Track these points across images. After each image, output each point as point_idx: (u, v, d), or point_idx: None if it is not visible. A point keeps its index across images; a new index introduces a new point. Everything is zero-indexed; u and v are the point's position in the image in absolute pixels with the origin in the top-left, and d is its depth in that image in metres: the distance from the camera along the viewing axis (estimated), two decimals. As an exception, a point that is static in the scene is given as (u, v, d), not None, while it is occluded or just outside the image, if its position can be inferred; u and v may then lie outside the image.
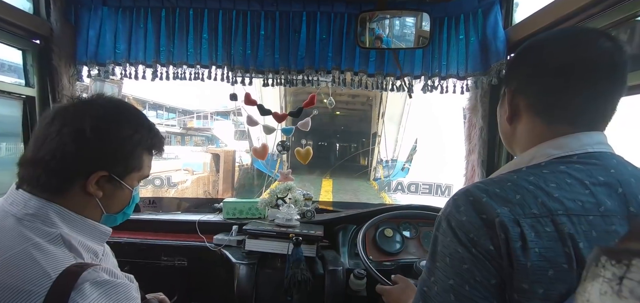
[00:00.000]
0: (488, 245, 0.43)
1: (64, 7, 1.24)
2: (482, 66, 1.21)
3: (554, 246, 0.41)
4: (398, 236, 1.27)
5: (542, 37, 0.54)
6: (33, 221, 0.51)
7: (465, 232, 0.44)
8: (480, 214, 0.44)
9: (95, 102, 0.58)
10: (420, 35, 1.15)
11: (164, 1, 1.27)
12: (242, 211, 1.45)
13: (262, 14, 1.27)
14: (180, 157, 13.66)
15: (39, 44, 1.23)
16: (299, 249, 1.13)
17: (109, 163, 0.57)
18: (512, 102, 0.54)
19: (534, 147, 0.51)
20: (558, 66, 0.49)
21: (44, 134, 0.54)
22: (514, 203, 0.43)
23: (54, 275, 0.46)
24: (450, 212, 0.47)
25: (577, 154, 0.47)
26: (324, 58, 1.28)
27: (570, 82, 0.48)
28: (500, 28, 1.18)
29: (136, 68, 1.31)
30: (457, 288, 0.44)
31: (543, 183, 0.44)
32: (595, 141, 0.48)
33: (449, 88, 1.29)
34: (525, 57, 0.55)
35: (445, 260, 0.46)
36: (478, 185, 0.48)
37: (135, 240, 1.31)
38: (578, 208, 0.42)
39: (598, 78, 0.47)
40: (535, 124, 0.51)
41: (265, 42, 1.28)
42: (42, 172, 0.53)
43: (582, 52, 0.47)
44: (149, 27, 1.28)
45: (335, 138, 20.43)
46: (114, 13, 1.28)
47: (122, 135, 0.57)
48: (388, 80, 1.30)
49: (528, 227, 0.41)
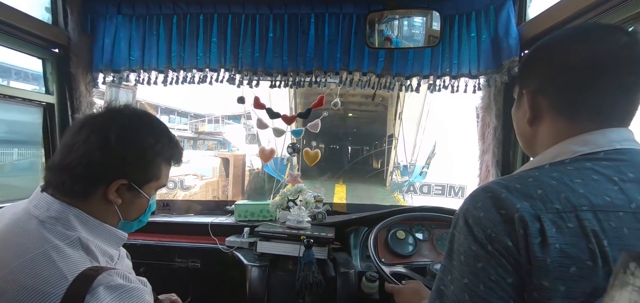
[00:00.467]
0: (506, 241, 0.41)
1: (80, 17, 1.28)
2: (495, 64, 1.18)
3: (576, 242, 0.39)
4: (411, 238, 1.25)
5: (558, 34, 0.53)
6: (54, 224, 0.54)
7: (482, 228, 0.43)
8: (499, 209, 0.43)
9: (122, 113, 0.60)
10: (430, 34, 1.14)
11: (175, 8, 1.30)
12: (254, 213, 1.46)
13: (271, 17, 1.28)
14: (190, 161, 13.70)
15: (57, 53, 1.28)
16: (311, 251, 1.12)
17: (129, 172, 0.59)
18: (533, 103, 0.52)
19: (558, 144, 0.49)
20: (581, 63, 0.47)
21: (73, 141, 0.56)
22: (536, 198, 0.42)
23: (70, 278, 0.48)
24: (468, 208, 0.46)
25: (603, 151, 0.45)
26: (333, 59, 1.28)
27: (594, 79, 0.46)
28: (513, 25, 1.15)
29: (149, 74, 1.35)
30: (472, 288, 0.43)
31: (567, 179, 0.43)
32: (622, 137, 0.46)
33: (460, 87, 1.27)
34: (542, 56, 0.53)
35: (460, 259, 0.45)
36: (498, 181, 0.47)
37: (151, 242, 1.34)
38: (606, 204, 0.41)
39: (621, 73, 0.45)
40: (559, 123, 0.50)
41: (273, 44, 1.29)
42: (67, 177, 0.55)
43: (604, 48, 0.46)
44: (161, 34, 1.32)
45: (347, 140, 19.91)
46: (128, 21, 1.32)
47: (144, 145, 0.59)
48: (397, 80, 1.29)
49: (549, 223, 0.40)
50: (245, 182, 12.39)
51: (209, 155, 14.12)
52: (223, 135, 21.18)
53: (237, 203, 1.49)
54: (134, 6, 1.31)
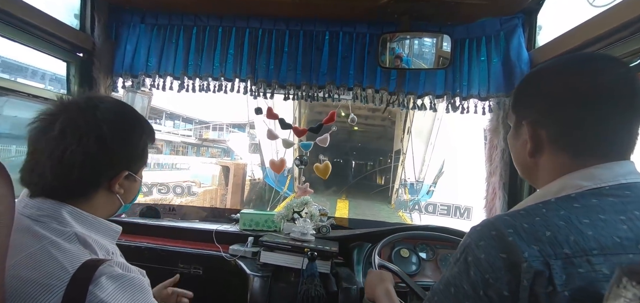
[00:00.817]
0: (503, 290, 0.41)
1: (106, 24, 1.36)
2: (505, 88, 1.20)
3: (587, 288, 0.38)
4: (414, 257, 1.24)
5: (554, 64, 0.53)
6: (49, 221, 0.54)
7: (481, 271, 0.43)
8: (501, 253, 0.42)
9: (101, 107, 0.58)
10: (440, 55, 1.16)
11: (196, 20, 1.36)
12: (259, 223, 1.46)
13: (287, 32, 1.33)
14: (190, 168, 13.45)
15: (82, 57, 1.34)
16: (314, 264, 1.12)
17: (129, 164, 0.62)
18: (534, 135, 0.51)
19: (562, 177, 0.48)
20: (582, 96, 0.47)
21: (59, 146, 0.54)
22: (544, 241, 0.40)
23: (71, 270, 0.48)
24: (470, 244, 0.46)
25: (609, 186, 0.45)
26: (346, 75, 1.31)
27: (594, 113, 0.46)
28: (524, 50, 1.17)
29: (165, 80, 1.39)
30: None
31: (575, 219, 0.42)
32: (627, 171, 0.46)
33: (470, 108, 1.28)
34: (539, 86, 0.52)
35: (450, 290, 0.46)
36: (505, 218, 0.45)
37: (155, 246, 1.35)
38: (616, 247, 0.40)
39: (621, 106, 0.45)
40: (560, 157, 0.49)
41: (288, 58, 1.33)
42: (63, 183, 0.55)
43: (604, 80, 0.46)
44: (180, 43, 1.37)
45: (351, 155, 19.44)
46: (149, 30, 1.38)
47: (135, 135, 0.62)
48: (409, 98, 1.31)
49: (558, 269, 0.39)
50: (246, 192, 12.19)
51: (211, 162, 13.85)
52: (227, 144, 21.02)
53: (242, 211, 1.50)
54: (157, 17, 1.37)
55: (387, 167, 14.92)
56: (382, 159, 17.50)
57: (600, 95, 0.46)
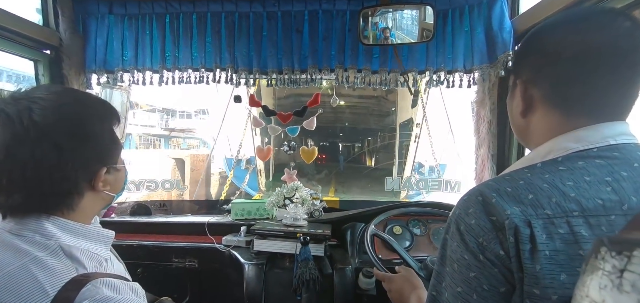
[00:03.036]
0: (498, 249, 0.41)
1: (72, 17, 1.27)
2: (489, 58, 1.18)
3: (566, 249, 0.38)
4: (407, 233, 1.26)
5: (553, 21, 0.50)
6: (32, 235, 0.50)
7: (474, 236, 0.43)
8: (490, 215, 0.42)
9: (38, 108, 0.49)
10: (423, 28, 1.14)
11: (167, 7, 1.29)
12: (250, 212, 1.46)
13: (264, 14, 1.27)
14: (131, 163, 10.89)
15: (49, 55, 1.26)
16: (307, 248, 1.13)
17: (103, 157, 0.56)
18: (525, 95, 0.50)
19: (551, 140, 0.47)
20: (574, 53, 0.44)
21: (16, 169, 0.48)
22: (526, 203, 0.41)
23: (52, 293, 0.45)
24: (459, 214, 0.46)
25: (597, 147, 0.44)
26: (327, 56, 1.27)
27: (588, 70, 0.44)
28: (507, 18, 1.15)
29: (143, 74, 1.33)
30: (465, 296, 0.43)
31: (559, 181, 0.41)
32: (617, 132, 0.45)
33: (455, 82, 1.27)
34: (535, 45, 0.50)
35: (453, 266, 0.45)
36: (489, 183, 0.45)
37: (147, 243, 1.34)
38: (597, 208, 0.39)
39: (619, 63, 0.43)
40: (552, 116, 0.48)
41: (268, 43, 1.28)
42: (46, 197, 0.51)
43: (600, 36, 0.43)
44: (155, 34, 1.30)
45: (338, 137, 17.09)
46: (120, 21, 1.31)
47: (95, 126, 0.55)
48: (393, 76, 1.29)
49: (539, 229, 0.39)
50: (213, 189, 9.45)
51: (166, 155, 11.07)
52: (196, 132, 18.59)
53: (233, 201, 1.49)
54: (126, 5, 1.30)
55: (385, 145, 13.04)
56: (371, 139, 15.60)
57: (595, 53, 0.43)
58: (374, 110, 12.30)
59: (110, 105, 0.60)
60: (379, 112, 11.99)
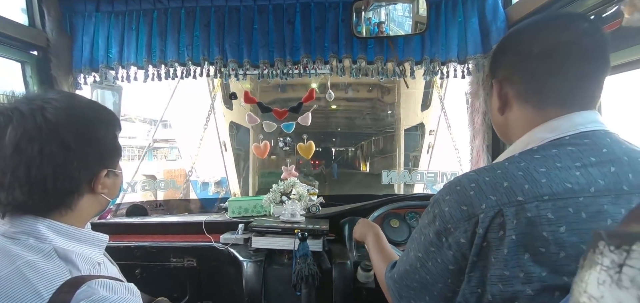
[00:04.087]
0: (460, 238, 0.47)
1: (58, 16, 1.24)
2: (483, 48, 1.18)
3: (530, 231, 0.42)
4: (404, 226, 1.27)
5: (523, 24, 0.55)
6: (26, 238, 0.50)
7: (444, 221, 0.50)
8: (461, 205, 0.48)
9: (51, 108, 0.51)
10: (417, 21, 1.13)
11: (155, 3, 1.26)
12: (247, 209, 1.45)
13: (255, 8, 1.25)
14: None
15: (36, 55, 1.23)
16: (305, 244, 1.13)
17: (105, 161, 0.58)
18: (501, 93, 0.55)
19: (528, 133, 0.52)
20: (542, 51, 0.49)
21: (22, 165, 0.49)
22: (501, 191, 0.45)
23: (46, 296, 0.45)
24: (438, 198, 0.52)
25: (569, 135, 0.47)
26: (321, 48, 1.25)
27: (555, 65, 0.49)
28: (500, 8, 1.15)
29: (128, 70, 1.30)
30: (423, 261, 0.53)
31: (533, 169, 0.45)
32: (587, 120, 0.48)
33: (450, 73, 1.27)
34: (507, 46, 0.55)
35: (420, 237, 0.55)
36: (470, 174, 0.50)
37: (145, 244, 1.33)
38: (566, 192, 0.43)
39: (582, 58, 0.48)
40: (526, 110, 0.52)
41: (259, 35, 1.26)
42: (47, 197, 0.51)
43: (564, 35, 0.48)
44: (141, 29, 1.27)
45: (331, 142, 15.32)
46: (106, 18, 1.28)
47: (101, 130, 0.58)
48: (388, 66, 1.28)
49: (511, 215, 0.43)
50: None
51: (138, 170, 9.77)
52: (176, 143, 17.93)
53: (230, 199, 1.48)
54: (113, 3, 1.27)
55: (381, 149, 11.89)
56: (365, 144, 14.53)
57: (560, 49, 0.48)
58: (368, 113, 10.71)
59: (114, 114, 0.63)
60: (375, 115, 10.39)
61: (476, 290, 0.47)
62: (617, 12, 0.81)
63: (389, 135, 9.92)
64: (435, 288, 0.52)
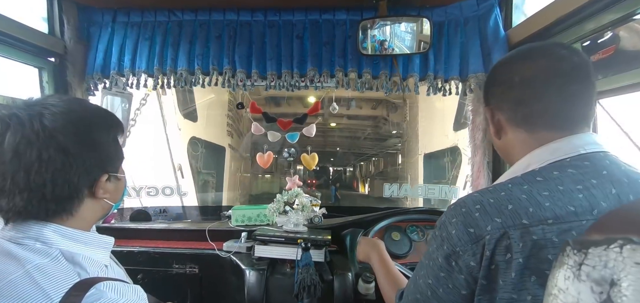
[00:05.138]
0: (469, 261, 0.47)
1: (77, 25, 1.29)
2: (484, 68, 1.22)
3: (536, 254, 0.43)
4: (405, 239, 1.28)
5: (506, 56, 0.59)
6: (32, 243, 0.50)
7: (451, 244, 0.49)
8: (468, 227, 0.47)
9: (49, 113, 0.51)
10: (421, 40, 1.17)
11: (170, 16, 1.31)
12: (251, 218, 1.47)
13: (266, 23, 1.30)
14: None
15: (53, 62, 1.28)
16: (308, 254, 1.14)
17: (106, 165, 0.58)
18: (493, 119, 0.59)
19: (528, 155, 0.53)
20: (522, 80, 0.52)
21: (21, 170, 0.49)
22: (506, 214, 0.45)
23: (56, 299, 0.45)
24: (444, 221, 0.52)
25: (570, 157, 0.49)
26: (328, 62, 1.29)
27: (537, 92, 0.51)
28: (501, 30, 1.19)
29: (139, 77, 1.34)
30: (433, 288, 0.52)
31: (536, 192, 0.46)
32: (585, 142, 0.49)
33: (452, 90, 1.31)
34: (494, 77, 0.59)
35: (430, 262, 0.53)
36: (474, 196, 0.50)
37: (148, 249, 1.34)
38: (569, 215, 0.43)
39: (563, 82, 0.50)
40: (519, 134, 0.55)
41: (268, 49, 1.30)
42: (46, 202, 0.51)
43: (541, 63, 0.51)
44: (155, 39, 1.32)
45: (329, 162, 14.50)
46: (122, 28, 1.33)
47: (101, 134, 0.57)
48: (392, 83, 1.31)
49: (516, 238, 0.44)
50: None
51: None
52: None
53: (234, 208, 1.50)
54: (129, 14, 1.32)
55: (388, 170, 10.62)
56: (369, 166, 13.68)
57: (540, 75, 0.51)
58: (372, 133, 8.21)
59: (116, 117, 0.62)
60: (379, 135, 8.31)
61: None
62: (613, 38, 0.86)
63: (388, 154, 8.47)
64: None
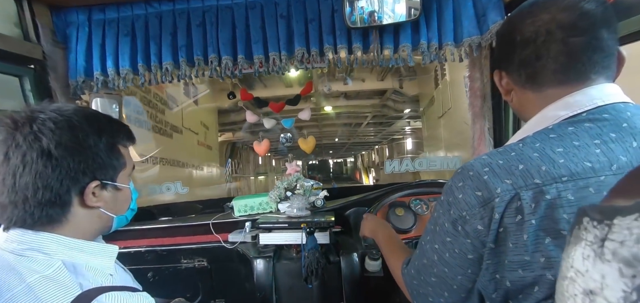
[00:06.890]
0: (477, 225, 0.45)
1: (52, 28, 1.23)
2: (480, 29, 1.16)
3: (551, 214, 0.40)
4: (410, 213, 1.28)
5: (512, 13, 0.56)
6: (33, 254, 0.50)
7: (459, 209, 0.48)
8: (477, 191, 0.46)
9: (40, 119, 0.52)
10: (410, 6, 1.11)
11: (147, 8, 1.25)
12: (253, 207, 1.47)
13: (245, 4, 1.23)
14: None
15: (34, 69, 1.23)
16: (313, 237, 1.14)
17: (95, 171, 0.55)
18: (501, 82, 0.57)
19: (540, 112, 0.50)
20: (524, 37, 0.50)
21: (10, 172, 0.50)
22: (517, 174, 0.43)
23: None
24: (451, 186, 0.50)
25: (586, 110, 0.45)
26: (316, 40, 1.23)
27: (537, 49, 0.48)
28: (496, -13, 1.12)
29: (124, 76, 1.29)
30: (440, 253, 0.52)
31: (549, 149, 0.43)
32: (605, 93, 0.45)
33: (447, 56, 1.25)
34: (499, 38, 0.58)
35: (436, 228, 0.53)
36: (483, 158, 0.48)
37: (155, 248, 1.35)
38: (586, 171, 0.41)
39: (566, 35, 0.46)
40: (527, 94, 0.53)
41: (253, 33, 1.24)
42: (31, 207, 0.51)
43: (541, 17, 0.48)
44: (137, 35, 1.26)
45: (329, 155, 13.14)
46: (100, 26, 1.27)
47: (89, 139, 0.54)
48: (386, 54, 1.26)
49: (528, 199, 0.41)
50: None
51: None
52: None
53: (235, 199, 1.49)
54: (105, 10, 1.26)
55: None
56: (364, 153, 12.64)
57: (542, 31, 0.48)
58: (374, 121, 8.05)
59: (111, 122, 0.60)
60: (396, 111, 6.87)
61: (494, 277, 0.46)
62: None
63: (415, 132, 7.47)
64: (454, 282, 0.51)
